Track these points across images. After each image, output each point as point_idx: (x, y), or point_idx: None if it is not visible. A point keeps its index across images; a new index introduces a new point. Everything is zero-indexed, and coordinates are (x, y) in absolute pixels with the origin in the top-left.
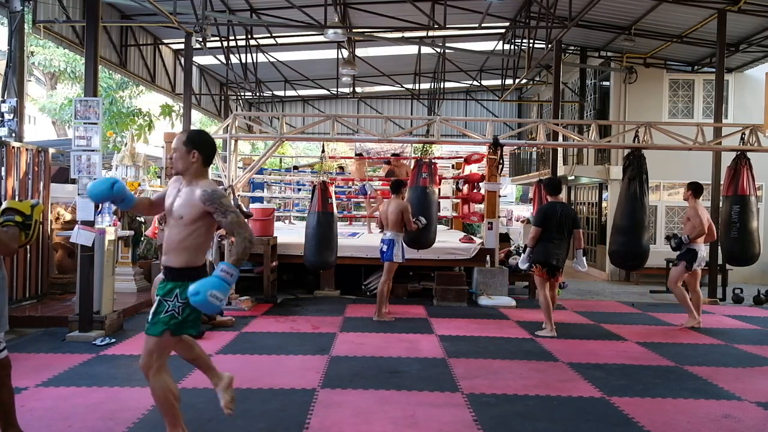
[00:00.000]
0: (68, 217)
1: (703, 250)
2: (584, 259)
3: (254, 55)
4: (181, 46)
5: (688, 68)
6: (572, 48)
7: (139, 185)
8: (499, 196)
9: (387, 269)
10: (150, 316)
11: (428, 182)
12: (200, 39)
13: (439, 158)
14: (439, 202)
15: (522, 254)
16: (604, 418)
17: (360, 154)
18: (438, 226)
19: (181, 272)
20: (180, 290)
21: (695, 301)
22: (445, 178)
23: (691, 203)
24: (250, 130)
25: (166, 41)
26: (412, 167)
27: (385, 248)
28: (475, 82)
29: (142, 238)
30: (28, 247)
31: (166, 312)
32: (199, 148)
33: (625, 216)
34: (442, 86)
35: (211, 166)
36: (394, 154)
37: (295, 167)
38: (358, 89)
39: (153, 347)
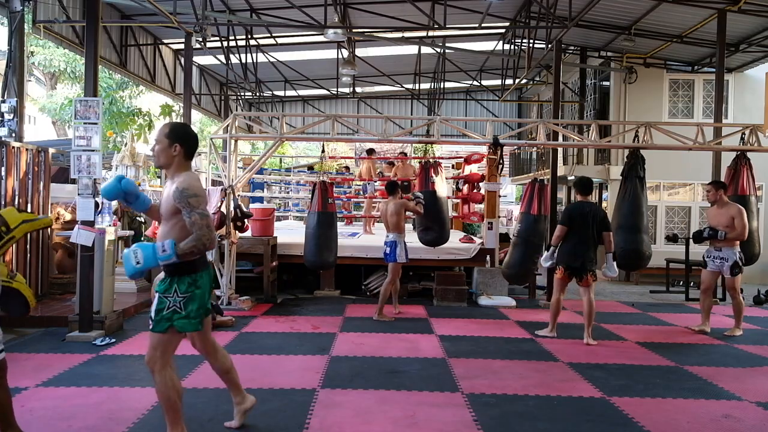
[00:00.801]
0: (68, 217)
1: None
2: (615, 264)
3: (254, 55)
4: (181, 46)
5: (688, 68)
6: (572, 48)
7: (139, 185)
8: (499, 196)
9: (392, 270)
10: (152, 314)
11: (436, 185)
12: (200, 39)
13: (439, 158)
14: None
15: (546, 252)
16: (604, 418)
17: (372, 150)
18: None
19: (177, 267)
20: (178, 285)
21: (708, 305)
22: (445, 178)
23: (726, 201)
24: (250, 130)
25: (166, 41)
26: (418, 170)
27: (388, 250)
28: (475, 82)
29: (142, 238)
30: (28, 246)
31: (168, 308)
32: (180, 141)
33: (631, 216)
34: (442, 86)
35: (211, 165)
36: (402, 153)
37: (310, 167)
38: (358, 89)
39: (157, 343)
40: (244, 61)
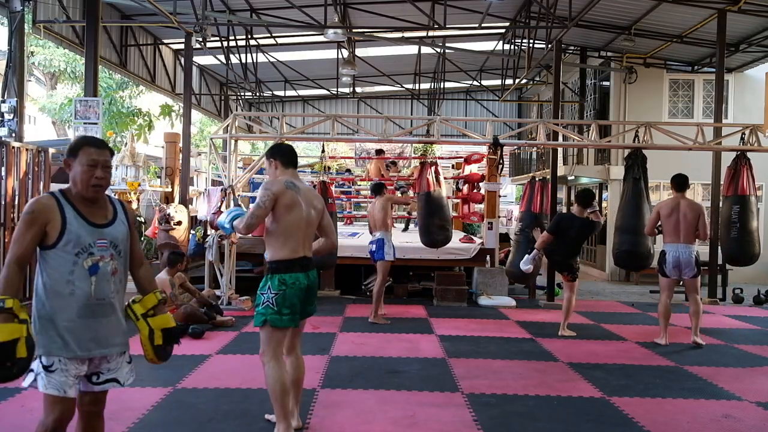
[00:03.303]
0: None
1: (676, 250)
2: (529, 258)
3: (254, 55)
4: (181, 46)
5: (688, 68)
6: (572, 48)
7: (139, 185)
8: (499, 196)
9: (381, 269)
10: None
11: (435, 185)
12: (200, 39)
13: (439, 158)
14: None
15: (527, 255)
16: (604, 418)
17: (381, 151)
18: None
19: (271, 266)
20: (271, 282)
21: (663, 313)
22: (445, 178)
23: None
24: (250, 130)
25: (166, 41)
26: (417, 171)
27: (374, 248)
28: (475, 82)
29: (142, 238)
30: None
31: (263, 304)
32: (273, 156)
33: (633, 216)
34: (442, 86)
35: (211, 165)
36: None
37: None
38: (358, 89)
39: (262, 337)
40: (244, 61)
